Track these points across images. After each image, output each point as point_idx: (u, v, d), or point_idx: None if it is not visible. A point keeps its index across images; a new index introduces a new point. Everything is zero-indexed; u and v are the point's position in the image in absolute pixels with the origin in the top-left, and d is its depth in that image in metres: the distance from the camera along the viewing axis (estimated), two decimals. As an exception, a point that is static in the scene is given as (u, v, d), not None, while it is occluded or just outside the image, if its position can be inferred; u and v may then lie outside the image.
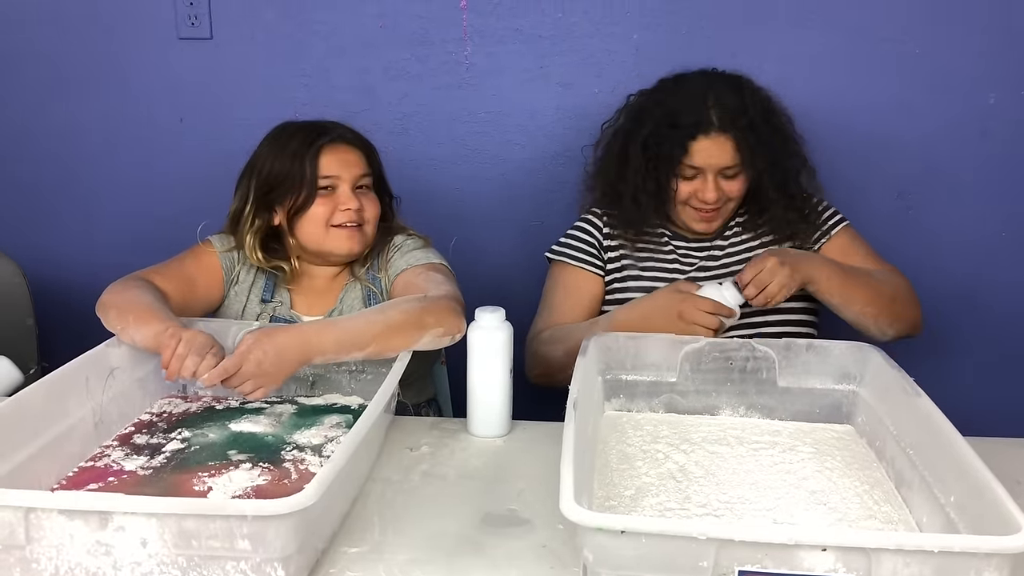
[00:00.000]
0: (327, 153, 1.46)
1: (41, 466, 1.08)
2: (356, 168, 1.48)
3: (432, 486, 1.15)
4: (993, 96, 1.80)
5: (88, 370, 1.21)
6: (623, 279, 1.61)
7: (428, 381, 1.69)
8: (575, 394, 1.07)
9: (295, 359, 1.20)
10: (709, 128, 1.48)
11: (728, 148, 1.48)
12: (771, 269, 1.39)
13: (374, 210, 1.50)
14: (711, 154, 1.48)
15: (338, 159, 1.47)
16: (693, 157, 1.49)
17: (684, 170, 1.51)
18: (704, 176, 1.50)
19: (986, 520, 0.85)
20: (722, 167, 1.49)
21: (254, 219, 1.49)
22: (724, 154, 1.48)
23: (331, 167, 1.46)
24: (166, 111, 1.96)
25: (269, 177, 1.47)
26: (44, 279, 1.94)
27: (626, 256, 1.62)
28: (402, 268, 1.49)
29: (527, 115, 1.90)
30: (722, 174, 1.50)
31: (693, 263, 1.60)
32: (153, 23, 1.91)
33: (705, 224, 1.56)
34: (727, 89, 1.52)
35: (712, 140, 1.48)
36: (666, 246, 1.61)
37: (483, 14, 1.86)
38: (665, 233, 1.62)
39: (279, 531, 0.84)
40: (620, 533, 0.80)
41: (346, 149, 1.48)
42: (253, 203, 1.49)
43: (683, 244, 1.61)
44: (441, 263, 1.51)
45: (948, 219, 1.86)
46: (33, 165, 2.02)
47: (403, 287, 1.44)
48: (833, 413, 1.29)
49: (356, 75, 1.90)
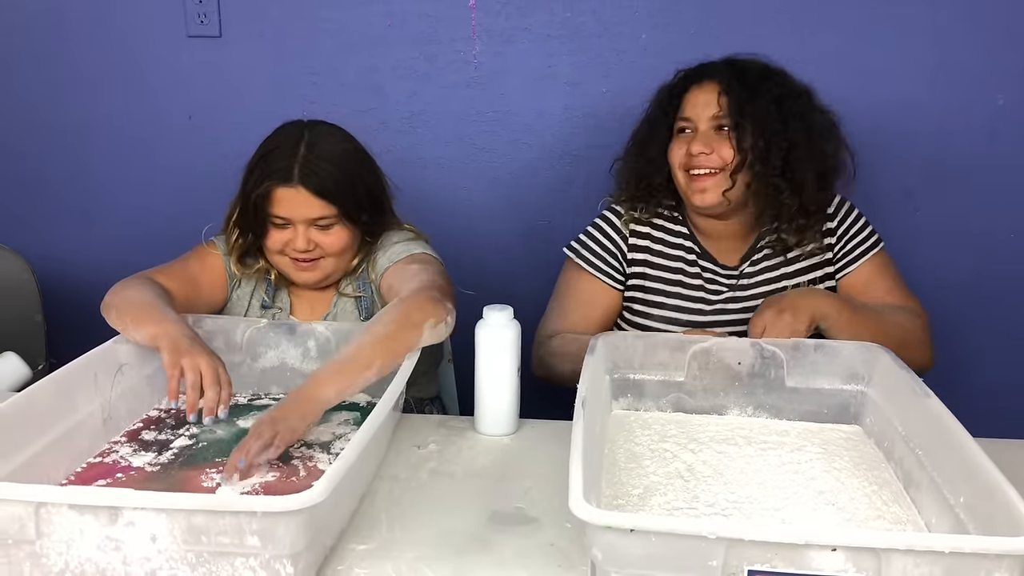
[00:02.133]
0: (279, 194, 1.40)
1: (50, 462, 1.09)
2: (310, 211, 1.41)
3: (440, 484, 1.15)
4: (1002, 97, 1.79)
5: (96, 366, 1.21)
6: (643, 288, 1.57)
7: (432, 378, 1.69)
8: (583, 393, 1.07)
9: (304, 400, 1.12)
10: (702, 78, 1.48)
11: (715, 94, 1.45)
12: (772, 322, 1.34)
13: (335, 245, 1.44)
14: (699, 101, 1.47)
15: (289, 201, 1.40)
16: (685, 108, 1.49)
17: (680, 124, 1.50)
18: (696, 130, 1.47)
19: (996, 521, 0.85)
20: (711, 116, 1.45)
21: (236, 233, 1.49)
22: (711, 100, 1.46)
23: (281, 208, 1.41)
24: (175, 109, 1.97)
25: (237, 200, 1.47)
26: (52, 275, 1.95)
27: (649, 263, 1.57)
28: (385, 266, 1.47)
29: (535, 114, 1.90)
30: (715, 128, 1.46)
31: (720, 291, 1.55)
32: (162, 21, 1.92)
33: (699, 195, 1.46)
34: (737, 59, 1.50)
35: (700, 88, 1.48)
36: (692, 266, 1.55)
37: (492, 13, 1.86)
38: (694, 250, 1.56)
39: (288, 528, 0.84)
40: (629, 532, 0.79)
41: (298, 192, 1.39)
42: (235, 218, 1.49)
43: (710, 267, 1.55)
44: (423, 252, 1.47)
45: (956, 219, 1.86)
46: (42, 162, 2.03)
47: (387, 289, 1.43)
48: (841, 413, 1.29)
49: (364, 73, 1.91)
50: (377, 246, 1.52)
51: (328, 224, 1.43)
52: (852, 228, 1.55)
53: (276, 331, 1.40)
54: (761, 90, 1.44)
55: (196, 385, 1.17)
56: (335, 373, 1.15)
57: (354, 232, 1.47)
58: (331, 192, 1.41)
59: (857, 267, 1.54)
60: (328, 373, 1.15)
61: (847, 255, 1.54)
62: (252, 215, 1.44)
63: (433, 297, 1.28)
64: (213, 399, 1.17)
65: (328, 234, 1.44)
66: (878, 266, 1.54)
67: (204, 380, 1.17)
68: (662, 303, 1.56)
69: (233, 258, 1.51)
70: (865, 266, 1.53)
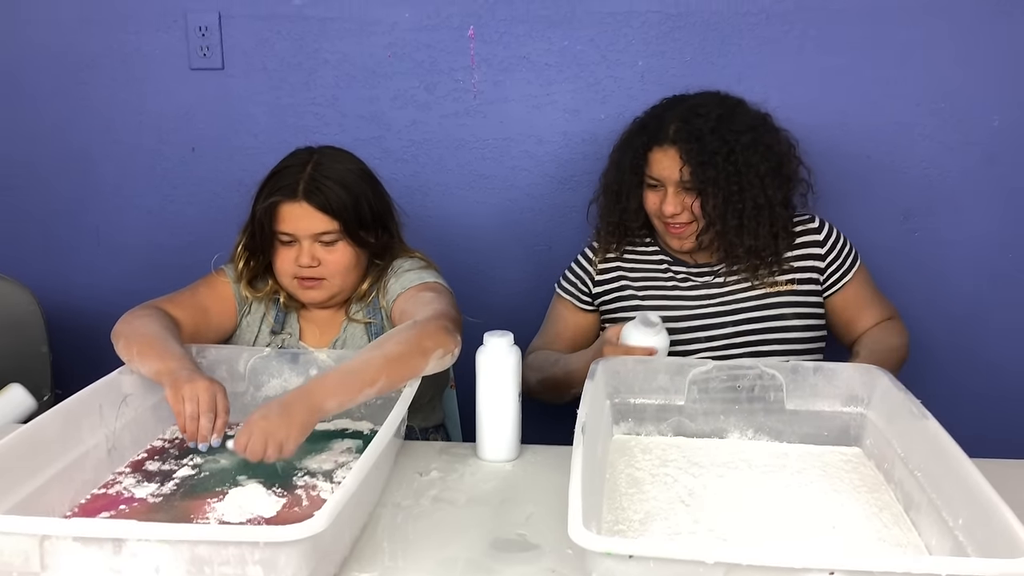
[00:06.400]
0: (284, 209, 1.44)
1: (55, 493, 1.09)
2: (313, 225, 1.44)
3: (442, 511, 1.16)
4: (997, 119, 1.80)
5: (101, 397, 1.22)
6: (622, 308, 1.62)
7: (437, 406, 1.69)
8: (583, 418, 1.08)
9: (302, 409, 1.13)
10: (663, 140, 1.52)
11: (677, 161, 1.50)
12: None
13: (338, 263, 1.47)
14: (664, 166, 1.52)
15: (294, 216, 1.44)
16: (651, 168, 1.54)
17: (649, 181, 1.55)
18: (666, 189, 1.53)
19: (995, 543, 0.85)
20: (677, 180, 1.51)
21: (247, 257, 1.52)
22: (675, 166, 1.50)
23: (286, 224, 1.44)
24: (178, 141, 1.99)
25: (248, 223, 1.50)
26: (58, 307, 1.96)
27: (624, 278, 1.64)
28: (397, 292, 1.49)
29: (534, 141, 1.92)
30: (683, 188, 1.51)
31: (696, 287, 1.60)
32: (165, 54, 1.94)
33: (676, 240, 1.56)
34: (699, 105, 1.54)
35: (664, 152, 1.52)
36: (665, 272, 1.62)
37: (490, 43, 1.88)
38: (665, 260, 1.63)
39: (291, 557, 0.85)
40: (629, 558, 0.80)
41: (302, 207, 1.43)
42: (245, 241, 1.52)
43: (683, 270, 1.62)
44: (435, 282, 1.50)
45: (954, 240, 1.87)
46: (47, 194, 2.04)
47: (399, 314, 1.44)
48: (841, 436, 1.29)
49: (365, 103, 1.93)
50: (389, 272, 1.54)
51: (332, 240, 1.45)
52: (837, 250, 1.60)
53: (279, 360, 1.41)
54: (718, 151, 1.49)
55: (194, 415, 1.18)
56: (338, 384, 1.17)
57: (359, 251, 1.49)
58: (334, 208, 1.44)
59: (843, 286, 1.59)
60: (332, 383, 1.17)
61: (835, 276, 1.59)
62: (259, 233, 1.47)
63: (446, 327, 1.30)
64: (206, 427, 1.18)
65: (332, 251, 1.46)
66: (860, 281, 1.61)
67: (200, 407, 1.18)
68: (638, 306, 1.60)
69: (243, 282, 1.53)
70: (851, 284, 1.60)
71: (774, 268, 1.56)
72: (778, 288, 1.56)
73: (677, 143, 1.50)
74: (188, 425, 1.18)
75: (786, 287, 1.56)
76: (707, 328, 1.56)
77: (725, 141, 1.49)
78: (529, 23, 1.86)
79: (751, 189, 1.50)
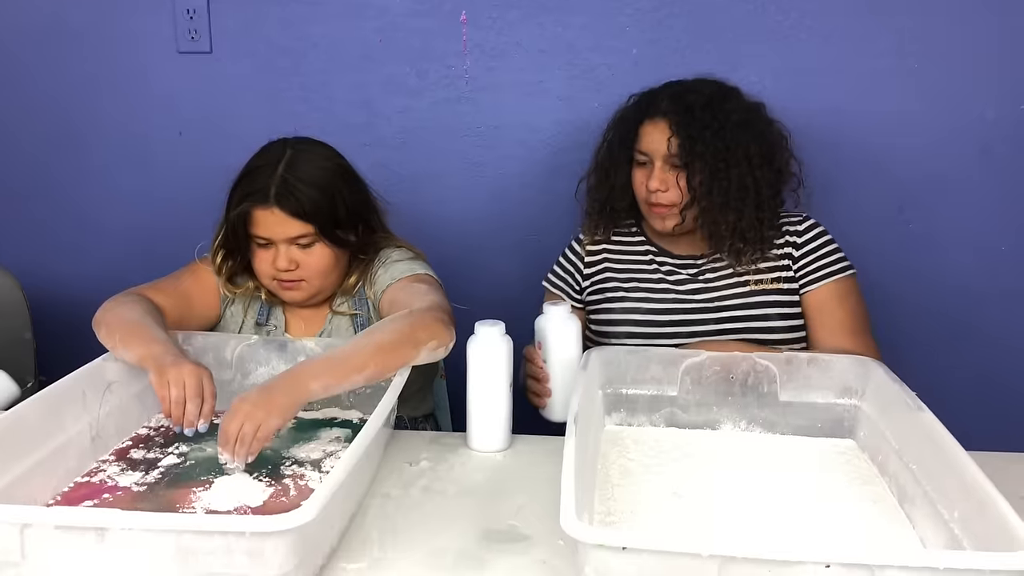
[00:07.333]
0: (257, 215, 1.40)
1: (37, 481, 1.07)
2: (288, 231, 1.40)
3: (432, 501, 1.14)
4: (992, 110, 1.80)
5: (85, 384, 1.20)
6: (607, 300, 1.60)
7: (427, 395, 1.68)
8: (575, 408, 1.06)
9: (285, 391, 1.12)
10: (655, 113, 1.52)
11: (667, 132, 1.49)
12: None
13: (317, 265, 1.44)
14: (654, 138, 1.51)
15: (267, 223, 1.40)
16: (641, 141, 1.53)
17: (638, 157, 1.54)
18: (654, 164, 1.52)
19: (990, 536, 0.84)
20: (665, 154, 1.50)
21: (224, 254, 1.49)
22: (663, 138, 1.49)
23: (260, 229, 1.41)
24: (165, 125, 1.96)
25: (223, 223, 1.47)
26: (42, 292, 1.94)
27: (610, 268, 1.62)
28: (387, 284, 1.46)
29: (527, 129, 1.90)
30: (671, 165, 1.50)
31: (682, 281, 1.57)
32: (153, 37, 1.92)
33: (659, 221, 1.54)
34: (693, 84, 1.55)
35: (655, 124, 1.51)
36: (650, 264, 1.61)
37: (483, 28, 1.86)
38: (651, 251, 1.62)
39: (277, 548, 0.84)
40: (622, 550, 0.79)
41: (274, 214, 1.39)
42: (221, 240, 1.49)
43: (668, 260, 1.60)
44: (426, 273, 1.48)
45: (948, 233, 1.86)
46: (31, 178, 2.02)
47: (388, 304, 1.42)
48: (835, 427, 1.28)
49: (356, 89, 1.90)
50: (376, 263, 1.52)
51: (308, 243, 1.43)
52: (818, 248, 1.55)
53: (266, 348, 1.39)
54: (708, 125, 1.48)
55: (180, 400, 1.16)
56: (327, 368, 1.15)
57: (337, 251, 1.46)
58: (307, 212, 1.40)
59: (818, 287, 1.52)
60: (320, 367, 1.15)
61: (809, 273, 1.54)
62: (234, 236, 1.45)
63: (442, 320, 1.28)
64: (193, 412, 1.16)
65: (309, 253, 1.43)
66: (839, 293, 1.53)
67: (187, 392, 1.16)
68: (623, 297, 1.59)
69: (222, 280, 1.51)
70: (826, 287, 1.52)
71: (757, 254, 1.53)
72: (763, 286, 1.54)
73: (668, 115, 1.50)
74: (174, 410, 1.16)
75: (771, 285, 1.54)
76: (690, 324, 1.53)
77: (716, 117, 1.49)
78: (522, 9, 1.84)
79: (737, 167, 1.49)
